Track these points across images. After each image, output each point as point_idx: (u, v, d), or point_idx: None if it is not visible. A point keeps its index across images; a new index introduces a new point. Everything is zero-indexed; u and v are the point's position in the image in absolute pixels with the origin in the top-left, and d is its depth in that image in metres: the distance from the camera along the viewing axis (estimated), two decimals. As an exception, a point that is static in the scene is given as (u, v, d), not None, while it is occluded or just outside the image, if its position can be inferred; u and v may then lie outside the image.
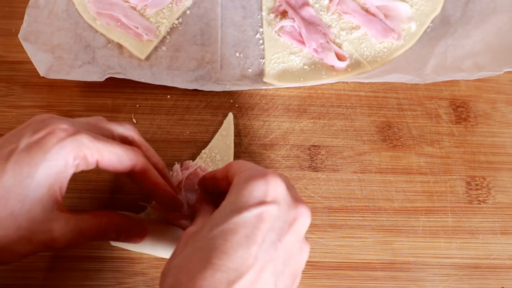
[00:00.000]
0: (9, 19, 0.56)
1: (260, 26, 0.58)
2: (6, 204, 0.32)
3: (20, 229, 0.32)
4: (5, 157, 0.32)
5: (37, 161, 0.32)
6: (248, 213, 0.30)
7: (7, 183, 0.32)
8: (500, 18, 0.59)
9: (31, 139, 0.33)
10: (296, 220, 0.32)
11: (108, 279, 0.44)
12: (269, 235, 0.30)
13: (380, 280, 0.45)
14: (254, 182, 0.31)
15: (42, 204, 0.33)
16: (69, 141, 0.33)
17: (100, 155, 0.35)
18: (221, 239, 0.29)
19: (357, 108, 0.54)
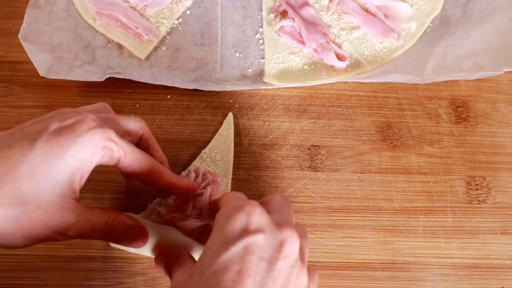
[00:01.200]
0: (9, 19, 0.56)
1: (260, 26, 0.58)
2: (30, 181, 0.31)
3: (39, 209, 0.32)
4: (34, 136, 0.32)
5: (68, 143, 0.32)
6: (234, 248, 0.30)
7: (34, 160, 0.31)
8: (500, 18, 0.59)
9: (62, 124, 0.33)
10: (283, 245, 0.31)
11: (108, 279, 0.44)
12: (261, 265, 0.30)
13: (380, 280, 0.45)
14: (235, 215, 0.31)
15: (61, 188, 0.32)
16: (100, 130, 0.33)
17: (123, 153, 0.35)
18: (214, 280, 0.29)
19: (357, 108, 0.54)
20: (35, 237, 0.33)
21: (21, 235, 0.32)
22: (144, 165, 0.37)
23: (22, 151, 0.31)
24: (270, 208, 0.35)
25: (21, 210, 0.31)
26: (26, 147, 0.31)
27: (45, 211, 0.32)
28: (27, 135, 0.32)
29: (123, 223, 0.37)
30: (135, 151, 0.36)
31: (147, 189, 0.47)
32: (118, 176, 0.48)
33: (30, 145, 0.31)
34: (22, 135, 0.32)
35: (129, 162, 0.36)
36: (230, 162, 0.49)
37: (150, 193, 0.47)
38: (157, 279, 0.44)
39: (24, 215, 0.31)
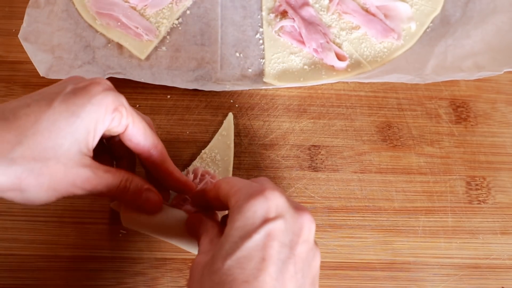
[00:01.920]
0: (9, 19, 0.56)
1: (260, 26, 0.58)
2: (50, 136, 0.32)
3: (59, 163, 0.33)
4: (52, 96, 0.33)
5: (84, 101, 0.33)
6: (257, 235, 0.30)
7: (53, 117, 0.32)
8: (500, 18, 0.59)
9: (77, 85, 0.34)
10: (302, 229, 0.32)
11: (109, 279, 0.44)
12: (283, 251, 0.30)
13: (380, 280, 0.45)
14: (254, 201, 0.31)
15: (79, 145, 0.34)
16: (113, 93, 0.35)
17: (132, 120, 0.36)
18: (238, 268, 0.29)
19: (357, 108, 0.54)
20: (56, 189, 0.34)
21: (43, 188, 0.33)
22: (149, 140, 0.37)
23: (41, 109, 0.32)
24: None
25: (43, 163, 0.32)
26: (44, 106, 0.33)
27: (64, 165, 0.33)
28: (44, 96, 0.33)
29: (136, 184, 0.38)
30: (144, 123, 0.37)
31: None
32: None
33: (48, 104, 0.33)
34: (40, 95, 0.34)
35: (136, 131, 0.36)
36: (230, 162, 0.49)
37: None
38: (157, 279, 0.44)
39: (46, 168, 0.32)
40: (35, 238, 0.45)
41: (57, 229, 0.45)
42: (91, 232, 0.45)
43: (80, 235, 0.45)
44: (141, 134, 0.37)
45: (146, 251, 0.45)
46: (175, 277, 0.44)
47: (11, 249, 0.44)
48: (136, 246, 0.45)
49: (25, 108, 0.33)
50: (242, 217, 0.31)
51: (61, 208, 0.46)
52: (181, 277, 0.44)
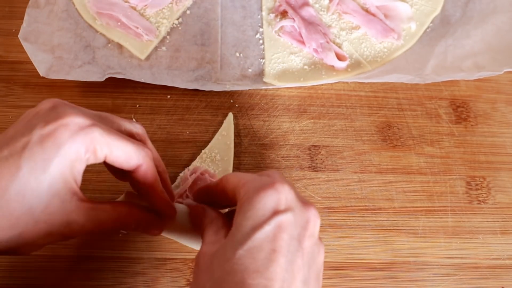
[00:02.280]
0: (9, 19, 0.56)
1: (260, 26, 0.58)
2: (23, 200, 0.31)
3: (39, 223, 0.32)
4: (19, 151, 0.32)
5: (51, 155, 0.32)
6: (268, 226, 0.30)
7: (23, 179, 0.31)
8: (500, 18, 0.59)
9: (44, 131, 0.32)
10: (309, 223, 0.32)
11: (108, 279, 0.44)
12: (292, 243, 0.31)
13: (380, 280, 0.45)
14: (265, 193, 0.31)
15: (59, 197, 0.33)
16: (81, 135, 0.33)
17: (109, 150, 0.34)
18: (249, 258, 0.30)
19: (357, 108, 0.54)
20: (42, 244, 0.34)
21: (27, 247, 0.33)
22: (133, 161, 0.35)
23: (10, 172, 0.31)
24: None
25: (21, 229, 0.32)
26: (12, 167, 0.31)
27: (45, 223, 0.32)
28: (12, 151, 0.32)
29: (136, 217, 0.37)
30: (125, 146, 0.35)
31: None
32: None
33: (16, 164, 0.31)
34: (8, 150, 0.32)
35: (115, 158, 0.35)
36: (230, 162, 0.49)
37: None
38: (157, 279, 0.44)
39: (26, 232, 0.32)
40: (35, 238, 0.45)
41: (57, 229, 0.45)
42: (91, 232, 0.45)
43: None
44: (122, 160, 0.35)
45: (146, 251, 0.45)
46: (175, 277, 0.44)
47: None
48: (136, 246, 0.45)
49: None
50: (253, 209, 0.31)
51: (61, 208, 0.46)
52: (181, 277, 0.44)
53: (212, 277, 0.31)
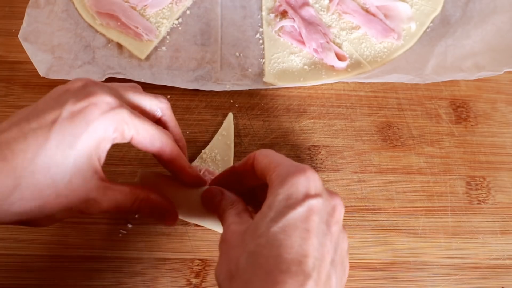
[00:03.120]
0: (9, 19, 0.56)
1: (260, 26, 0.58)
2: (48, 173, 0.32)
3: (60, 197, 0.33)
4: (49, 124, 0.32)
5: (80, 131, 0.33)
6: (300, 208, 0.31)
7: (50, 152, 0.32)
8: (500, 18, 0.59)
9: (74, 107, 0.33)
10: (335, 210, 0.34)
11: (108, 279, 0.44)
12: (321, 226, 0.32)
13: (380, 280, 0.45)
14: (298, 177, 0.33)
15: (82, 174, 0.33)
16: (111, 114, 0.34)
17: (136, 131, 0.35)
18: (283, 234, 0.31)
19: (357, 108, 0.54)
20: (61, 219, 0.35)
21: (46, 219, 0.34)
22: (157, 144, 0.37)
23: (38, 143, 0.32)
24: None
25: (43, 200, 0.32)
26: (41, 139, 0.32)
27: (66, 197, 0.33)
28: (42, 124, 0.32)
29: (151, 203, 0.38)
30: (150, 129, 0.36)
31: (147, 189, 0.47)
32: (118, 176, 0.48)
33: (45, 136, 0.32)
34: (38, 122, 0.33)
35: (141, 140, 0.36)
36: (230, 162, 0.49)
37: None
38: (157, 279, 0.44)
39: (47, 204, 0.33)
40: (35, 238, 0.45)
41: (57, 229, 0.45)
42: (91, 232, 0.45)
43: (80, 235, 0.45)
44: (147, 142, 0.37)
45: (146, 251, 0.45)
46: (175, 277, 0.44)
47: (12, 249, 0.44)
48: (136, 246, 0.45)
49: (22, 141, 0.32)
50: (286, 190, 0.32)
51: (61, 208, 0.46)
52: (180, 277, 0.44)
53: (245, 250, 0.32)
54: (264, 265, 0.30)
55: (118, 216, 0.45)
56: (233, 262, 0.32)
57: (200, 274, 0.44)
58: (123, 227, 0.46)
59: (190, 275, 0.44)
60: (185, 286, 0.44)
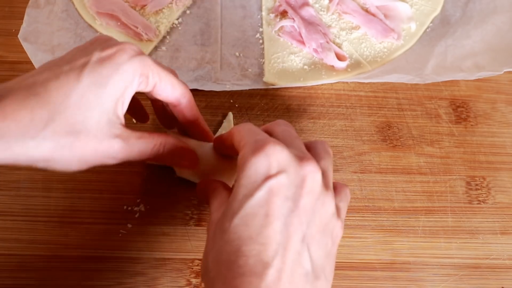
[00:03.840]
0: (9, 19, 0.56)
1: (260, 26, 0.58)
2: (79, 110, 0.33)
3: (89, 135, 0.34)
4: (79, 67, 0.34)
5: (110, 73, 0.34)
6: (259, 192, 0.31)
7: (82, 90, 0.33)
8: (500, 18, 0.59)
9: (102, 54, 0.35)
10: (305, 181, 0.32)
11: (108, 279, 0.44)
12: (285, 205, 0.31)
13: (380, 280, 0.45)
14: (255, 158, 0.31)
15: (108, 116, 0.35)
16: (138, 59, 0.35)
17: (159, 78, 0.37)
18: (243, 226, 0.30)
19: (357, 108, 0.54)
20: (87, 161, 0.35)
21: (74, 160, 0.35)
22: (177, 91, 0.39)
23: (70, 82, 0.33)
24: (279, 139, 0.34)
25: (74, 137, 0.33)
26: (73, 79, 0.33)
27: (95, 137, 0.34)
28: (73, 66, 0.34)
29: (171, 147, 0.39)
30: (171, 77, 0.38)
31: (148, 189, 0.47)
32: (118, 176, 0.48)
33: (76, 77, 0.33)
34: (69, 66, 0.34)
35: (164, 86, 0.38)
36: (230, 162, 0.49)
37: (151, 193, 0.47)
38: (157, 279, 0.44)
39: (77, 141, 0.34)
40: (35, 238, 0.45)
41: (57, 229, 0.45)
42: (91, 232, 0.45)
43: (80, 235, 0.45)
44: (169, 89, 0.38)
45: (146, 251, 0.45)
46: (175, 277, 0.44)
47: (12, 249, 0.44)
48: (136, 246, 0.45)
49: (54, 81, 0.33)
50: (245, 176, 0.31)
51: (61, 208, 0.46)
52: (181, 277, 0.44)
53: (214, 246, 0.32)
54: (225, 263, 0.30)
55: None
56: (205, 258, 0.33)
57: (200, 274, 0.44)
58: (123, 227, 0.46)
59: (190, 275, 0.44)
60: (185, 286, 0.44)
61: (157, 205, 0.47)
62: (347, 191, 0.37)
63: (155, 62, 0.37)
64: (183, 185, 0.48)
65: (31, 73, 0.34)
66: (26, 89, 0.33)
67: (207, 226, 0.34)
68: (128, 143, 0.36)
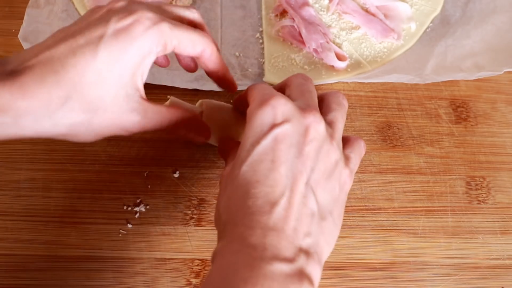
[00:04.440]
0: (9, 19, 0.56)
1: (260, 26, 0.58)
2: (96, 87, 0.34)
3: (107, 111, 0.35)
4: (95, 41, 0.34)
5: (126, 47, 0.34)
6: (265, 140, 0.32)
7: (99, 66, 0.34)
8: (499, 18, 0.59)
9: (118, 25, 0.34)
10: (309, 130, 0.33)
11: (108, 279, 0.44)
12: (290, 152, 0.32)
13: (380, 280, 0.45)
14: (262, 110, 0.33)
15: (126, 89, 0.35)
16: (154, 29, 0.35)
17: (177, 41, 0.37)
18: (251, 171, 0.32)
19: (357, 108, 0.54)
20: (103, 134, 0.36)
21: (92, 133, 0.35)
22: (199, 47, 0.38)
23: (86, 59, 0.33)
24: (291, 92, 0.37)
25: (92, 114, 0.34)
26: (89, 55, 0.33)
27: (112, 113, 0.35)
28: (88, 40, 0.34)
29: (187, 122, 0.40)
30: (190, 35, 0.38)
31: (148, 189, 0.47)
32: (118, 176, 0.48)
33: (93, 53, 0.34)
34: (84, 38, 0.34)
35: (183, 47, 0.38)
36: (230, 162, 0.49)
37: (151, 193, 0.47)
38: (157, 279, 0.44)
39: (95, 117, 0.34)
40: (35, 238, 0.45)
41: (57, 229, 0.45)
42: (91, 232, 0.45)
43: (80, 235, 0.45)
44: (189, 47, 0.38)
45: (146, 251, 0.45)
46: (175, 277, 0.44)
47: (12, 249, 0.44)
48: (136, 246, 0.45)
49: (71, 57, 0.33)
50: (252, 127, 0.33)
51: (61, 208, 0.46)
52: (180, 277, 0.44)
53: (224, 194, 0.33)
54: (235, 206, 0.32)
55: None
56: (217, 208, 0.34)
57: (200, 274, 0.44)
58: (123, 227, 0.46)
59: (190, 275, 0.44)
60: (185, 286, 0.44)
61: (157, 205, 0.47)
62: (361, 143, 0.39)
63: (173, 24, 0.37)
64: (183, 185, 0.48)
65: (46, 44, 0.34)
66: (44, 65, 0.33)
67: (220, 179, 0.36)
68: (145, 117, 0.36)
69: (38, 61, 0.33)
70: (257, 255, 0.30)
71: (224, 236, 0.32)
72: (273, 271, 0.29)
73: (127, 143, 0.49)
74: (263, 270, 0.29)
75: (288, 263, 0.30)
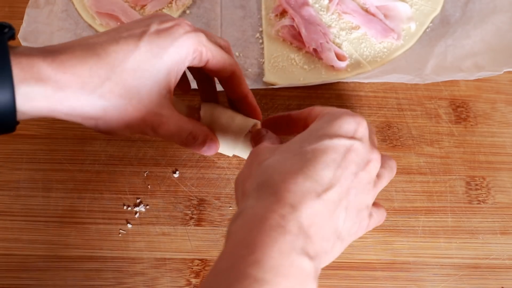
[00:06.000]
0: (9, 19, 0.56)
1: (260, 26, 0.58)
2: (134, 76, 0.35)
3: (140, 102, 0.35)
4: (138, 35, 0.35)
5: (167, 45, 0.36)
6: (338, 141, 0.32)
7: (139, 58, 0.35)
8: (499, 18, 0.59)
9: (160, 26, 0.36)
10: (370, 162, 0.34)
11: (108, 279, 0.44)
12: (351, 166, 0.33)
13: (380, 280, 0.45)
14: (346, 118, 0.34)
15: (159, 87, 0.36)
16: (194, 35, 0.37)
17: (212, 55, 0.38)
18: (311, 155, 0.32)
19: (356, 108, 0.54)
20: (132, 127, 0.36)
21: (123, 123, 0.36)
22: (228, 67, 0.40)
23: (129, 48, 0.35)
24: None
25: (127, 101, 0.35)
26: (131, 45, 0.35)
27: (144, 106, 0.35)
28: (131, 34, 0.35)
29: (204, 135, 0.40)
30: (222, 53, 0.39)
31: (148, 189, 0.47)
32: (118, 176, 0.48)
33: (135, 43, 0.35)
34: (127, 32, 0.35)
35: (216, 62, 0.39)
36: (230, 162, 0.49)
37: (151, 193, 0.47)
38: (157, 279, 0.44)
39: (129, 105, 0.35)
40: (35, 238, 0.45)
41: (57, 229, 0.45)
42: (91, 232, 0.45)
43: (80, 235, 0.45)
44: (220, 63, 0.39)
45: (146, 251, 0.45)
46: (175, 277, 0.44)
47: (12, 249, 0.44)
48: (136, 246, 0.45)
49: (114, 44, 0.34)
50: (330, 123, 0.33)
51: (61, 208, 0.46)
52: (180, 277, 0.44)
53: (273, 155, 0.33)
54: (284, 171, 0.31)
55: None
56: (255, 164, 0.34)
57: (200, 274, 0.44)
58: (123, 227, 0.46)
59: (190, 275, 0.44)
60: (185, 286, 0.44)
61: (157, 205, 0.47)
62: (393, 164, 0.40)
63: (209, 38, 0.38)
64: (183, 185, 0.48)
65: (89, 36, 0.36)
66: (85, 48, 0.34)
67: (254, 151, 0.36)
68: (171, 120, 0.37)
69: (79, 44, 0.34)
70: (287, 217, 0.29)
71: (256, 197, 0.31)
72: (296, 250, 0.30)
73: (127, 143, 0.50)
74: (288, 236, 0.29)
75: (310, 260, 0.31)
